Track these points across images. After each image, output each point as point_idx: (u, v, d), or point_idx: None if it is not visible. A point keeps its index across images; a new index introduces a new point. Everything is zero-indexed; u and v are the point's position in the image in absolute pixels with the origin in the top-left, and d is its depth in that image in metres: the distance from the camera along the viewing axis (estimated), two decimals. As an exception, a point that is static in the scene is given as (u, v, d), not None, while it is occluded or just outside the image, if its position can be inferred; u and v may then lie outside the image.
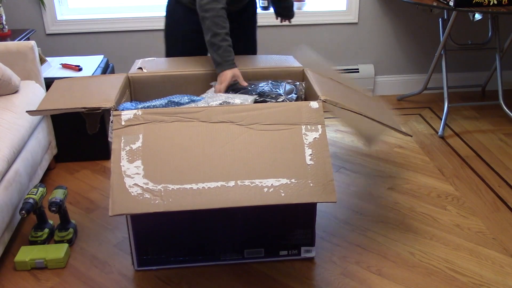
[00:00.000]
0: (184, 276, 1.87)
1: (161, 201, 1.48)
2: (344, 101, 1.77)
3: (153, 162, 1.54)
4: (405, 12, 3.39)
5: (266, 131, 1.60)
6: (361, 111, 1.78)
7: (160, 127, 1.61)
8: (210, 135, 1.60)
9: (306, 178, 1.52)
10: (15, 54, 2.38)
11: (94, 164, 2.68)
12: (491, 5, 2.68)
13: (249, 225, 1.86)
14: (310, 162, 1.55)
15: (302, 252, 1.93)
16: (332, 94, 1.78)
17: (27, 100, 2.26)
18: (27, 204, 1.92)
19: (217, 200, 1.48)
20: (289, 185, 1.50)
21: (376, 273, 1.88)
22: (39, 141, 2.34)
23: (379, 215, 2.22)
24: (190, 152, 1.56)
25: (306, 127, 1.62)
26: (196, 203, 1.48)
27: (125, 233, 2.12)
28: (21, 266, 1.90)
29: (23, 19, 3.15)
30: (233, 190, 1.49)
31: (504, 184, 2.45)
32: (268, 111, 1.66)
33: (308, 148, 1.58)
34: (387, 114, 2.09)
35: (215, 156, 1.56)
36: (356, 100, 1.91)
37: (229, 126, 1.61)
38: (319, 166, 1.54)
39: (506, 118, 3.18)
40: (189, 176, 1.52)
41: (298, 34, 3.38)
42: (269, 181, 1.51)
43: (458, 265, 1.92)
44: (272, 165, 1.54)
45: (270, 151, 1.56)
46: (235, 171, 1.52)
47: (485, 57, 3.60)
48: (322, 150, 1.57)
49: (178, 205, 1.47)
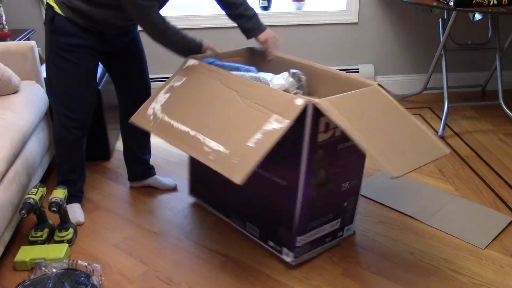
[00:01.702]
0: (184, 276, 1.87)
1: (154, 125, 1.85)
2: (353, 118, 1.61)
3: (173, 98, 1.89)
4: (405, 12, 3.39)
5: (248, 106, 1.69)
6: (366, 139, 1.57)
7: (198, 77, 1.91)
8: (216, 94, 1.80)
9: (235, 155, 1.60)
10: (15, 54, 2.39)
11: (94, 164, 2.68)
12: (491, 5, 2.68)
13: (248, 202, 2.00)
14: (250, 144, 1.59)
15: (283, 252, 1.93)
16: (347, 108, 1.63)
17: (27, 100, 2.26)
18: (27, 204, 1.92)
19: (177, 141, 1.76)
20: (221, 153, 1.62)
21: (376, 273, 1.88)
22: (39, 141, 2.34)
23: (379, 215, 2.22)
24: (196, 100, 1.83)
25: (276, 117, 1.62)
26: (166, 137, 1.79)
27: (125, 233, 2.12)
28: (21, 266, 1.90)
29: (23, 19, 3.15)
30: (189, 138, 1.72)
31: (504, 184, 2.45)
32: (264, 92, 1.71)
33: (260, 133, 1.61)
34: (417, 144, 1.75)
35: (203, 109, 1.78)
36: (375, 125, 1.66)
37: (231, 93, 1.77)
38: (253, 151, 1.58)
39: (506, 118, 3.18)
40: (180, 116, 1.82)
41: (298, 34, 3.39)
42: (212, 143, 1.66)
43: (458, 265, 1.92)
44: (225, 132, 1.67)
45: (234, 121, 1.69)
46: (202, 125, 1.74)
47: (485, 57, 3.60)
48: (268, 140, 1.58)
49: (157, 132, 1.82)
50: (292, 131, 1.67)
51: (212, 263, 1.94)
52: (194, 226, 2.16)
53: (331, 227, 1.94)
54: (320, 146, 1.71)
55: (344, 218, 1.96)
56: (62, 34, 1.92)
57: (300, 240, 1.86)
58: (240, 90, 1.76)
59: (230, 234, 2.10)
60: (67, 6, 1.89)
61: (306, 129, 1.65)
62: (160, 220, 2.21)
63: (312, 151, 1.70)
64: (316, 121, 1.64)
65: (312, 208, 1.82)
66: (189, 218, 2.22)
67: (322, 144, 1.71)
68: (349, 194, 1.93)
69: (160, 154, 2.75)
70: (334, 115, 1.55)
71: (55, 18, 1.91)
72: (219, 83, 1.84)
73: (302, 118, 1.64)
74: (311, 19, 3.35)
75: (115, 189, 2.45)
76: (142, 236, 2.10)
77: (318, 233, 1.91)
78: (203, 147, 1.69)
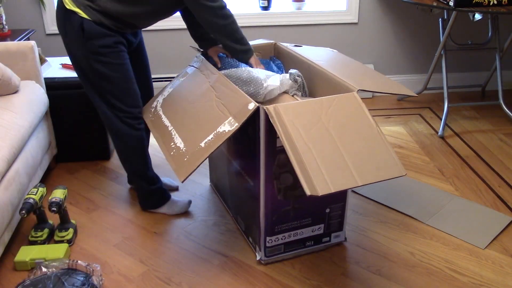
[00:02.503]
0: (184, 276, 1.87)
1: (151, 117, 2.00)
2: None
3: (172, 92, 2.02)
4: (405, 12, 3.39)
5: (216, 107, 1.74)
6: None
7: (197, 75, 1.99)
8: (201, 94, 1.87)
9: (188, 153, 1.68)
10: (15, 54, 2.39)
11: (94, 164, 2.68)
12: (491, 5, 2.68)
13: (237, 196, 2.06)
14: (202, 144, 1.66)
15: (257, 250, 1.93)
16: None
17: (27, 100, 2.26)
18: (27, 204, 1.92)
19: (158, 134, 1.89)
20: (180, 149, 1.73)
21: (376, 273, 1.88)
22: (39, 141, 2.34)
23: (379, 215, 2.22)
24: (185, 98, 1.92)
25: (230, 119, 1.63)
26: (153, 129, 1.94)
27: (125, 233, 2.12)
28: (21, 266, 1.90)
29: (23, 19, 3.15)
30: (166, 133, 1.84)
31: (504, 184, 2.45)
32: (231, 94, 1.73)
33: (212, 134, 1.65)
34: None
35: (186, 107, 1.87)
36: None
37: (211, 93, 1.82)
38: (201, 152, 1.64)
39: (506, 118, 3.18)
40: (169, 111, 1.94)
41: (298, 34, 3.38)
42: (178, 139, 1.77)
43: (458, 265, 1.92)
44: (190, 131, 1.76)
45: (201, 120, 1.75)
46: (179, 122, 1.84)
47: (485, 57, 3.60)
48: (216, 142, 1.62)
49: (150, 125, 1.98)
50: (255, 134, 1.69)
51: (212, 263, 1.94)
52: (194, 226, 2.16)
53: (311, 232, 1.94)
54: (281, 150, 1.70)
55: (329, 225, 1.95)
56: (96, 38, 1.86)
57: (270, 241, 1.87)
58: (218, 90, 1.80)
59: (230, 234, 2.10)
60: (93, 9, 1.83)
61: (260, 133, 1.66)
62: (160, 220, 2.21)
63: (270, 155, 1.70)
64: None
65: (279, 211, 1.82)
66: (189, 218, 2.22)
67: (283, 148, 1.68)
68: (331, 201, 1.90)
69: (160, 154, 2.75)
70: (278, 121, 1.53)
71: (83, 24, 1.84)
72: (208, 83, 1.88)
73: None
74: (311, 19, 3.35)
75: (115, 189, 2.45)
76: (142, 236, 2.10)
77: (294, 236, 1.91)
78: (171, 143, 1.79)
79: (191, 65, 2.10)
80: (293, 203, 1.83)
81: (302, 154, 1.46)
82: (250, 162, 1.80)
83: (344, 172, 1.46)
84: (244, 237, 2.08)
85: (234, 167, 1.99)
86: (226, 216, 2.22)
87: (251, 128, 1.71)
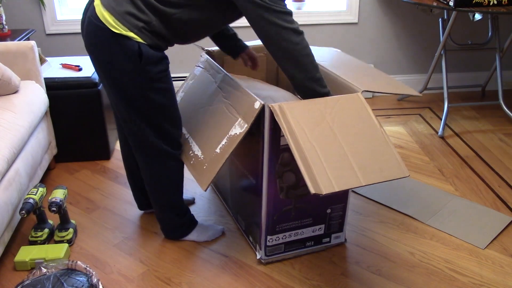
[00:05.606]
0: (184, 276, 1.87)
1: None
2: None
3: (184, 97, 2.08)
4: (405, 12, 3.39)
5: (226, 109, 1.77)
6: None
7: (203, 76, 2.05)
8: (210, 95, 1.91)
9: (206, 160, 1.72)
10: (15, 54, 2.38)
11: (94, 164, 2.68)
12: (491, 5, 2.68)
13: (238, 194, 2.05)
14: (218, 150, 1.69)
15: (257, 249, 1.94)
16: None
17: (27, 100, 2.26)
18: (27, 204, 1.92)
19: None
20: (198, 158, 1.77)
21: (376, 273, 1.88)
22: (39, 141, 2.34)
23: (379, 215, 2.22)
24: (195, 101, 1.98)
25: (240, 121, 1.64)
26: None
27: (125, 233, 2.12)
28: (21, 266, 1.90)
29: (23, 19, 3.15)
30: (184, 141, 1.90)
31: (504, 184, 2.45)
32: (237, 94, 1.74)
33: (226, 138, 1.67)
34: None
35: (198, 110, 1.92)
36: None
37: (219, 94, 1.86)
38: (217, 158, 1.68)
39: (506, 118, 3.18)
40: (182, 115, 1.98)
41: (298, 34, 3.38)
42: (196, 147, 1.81)
43: (458, 265, 1.92)
44: (205, 137, 1.79)
45: (213, 124, 1.79)
46: (193, 128, 1.89)
47: (485, 57, 3.60)
48: (230, 146, 1.63)
49: None
50: (259, 132, 1.69)
51: (212, 263, 1.94)
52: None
53: (312, 232, 1.94)
54: (285, 149, 1.70)
55: (330, 225, 1.95)
56: (153, 64, 1.65)
57: (271, 240, 1.87)
58: (225, 91, 1.81)
59: (230, 234, 2.10)
60: (148, 31, 1.61)
61: (265, 131, 1.66)
62: (160, 220, 2.21)
63: (274, 153, 1.70)
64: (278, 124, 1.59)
65: (281, 210, 1.82)
66: (189, 218, 2.22)
67: (287, 147, 1.69)
68: (333, 201, 1.90)
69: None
70: (283, 119, 1.52)
71: (141, 49, 1.61)
72: (214, 84, 1.88)
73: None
74: (311, 19, 3.35)
75: (115, 189, 2.45)
76: (142, 236, 2.10)
77: (295, 236, 1.91)
78: (189, 151, 1.82)
79: (198, 65, 2.11)
80: (294, 202, 1.83)
81: (306, 152, 1.46)
82: (253, 160, 1.80)
83: (348, 171, 1.46)
84: (244, 236, 2.08)
85: (236, 165, 1.99)
86: (226, 216, 2.22)
87: (255, 126, 1.71)
